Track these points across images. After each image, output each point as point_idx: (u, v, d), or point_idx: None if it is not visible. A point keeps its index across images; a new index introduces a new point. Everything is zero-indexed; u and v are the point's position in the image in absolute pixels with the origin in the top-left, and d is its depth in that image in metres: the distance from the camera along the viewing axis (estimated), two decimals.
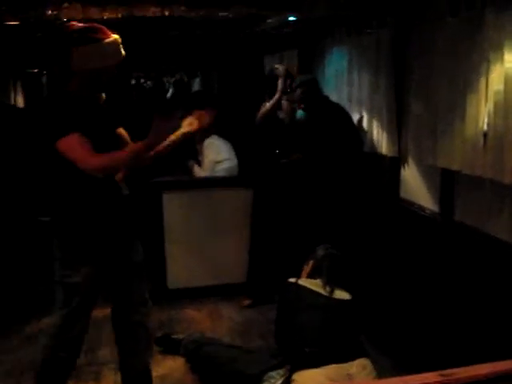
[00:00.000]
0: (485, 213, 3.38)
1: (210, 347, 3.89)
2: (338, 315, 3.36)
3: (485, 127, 3.16)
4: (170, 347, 4.31)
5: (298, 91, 4.98)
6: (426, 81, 3.77)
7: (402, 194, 4.38)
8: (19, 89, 11.11)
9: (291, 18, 4.38)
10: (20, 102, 10.68)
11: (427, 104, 3.76)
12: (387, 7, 4.07)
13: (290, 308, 3.39)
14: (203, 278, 5.40)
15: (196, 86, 12.14)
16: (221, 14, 3.68)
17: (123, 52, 3.02)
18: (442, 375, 1.78)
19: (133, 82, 11.85)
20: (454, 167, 3.48)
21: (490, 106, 3.08)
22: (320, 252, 3.56)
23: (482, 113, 3.16)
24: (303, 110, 5.10)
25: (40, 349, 3.27)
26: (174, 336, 4.37)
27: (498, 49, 2.98)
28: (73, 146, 2.85)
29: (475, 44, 3.15)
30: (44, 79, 11.51)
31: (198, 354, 3.96)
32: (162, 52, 7.02)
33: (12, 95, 10.91)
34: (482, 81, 3.13)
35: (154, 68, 10.79)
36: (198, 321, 4.91)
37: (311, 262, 3.56)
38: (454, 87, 3.38)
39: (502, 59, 2.97)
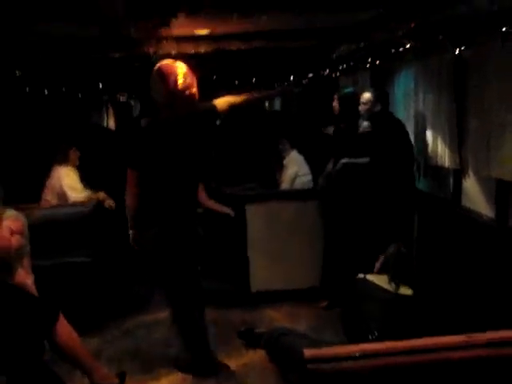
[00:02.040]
0: None
1: (287, 337, 4.33)
2: (400, 309, 3.77)
3: None
4: (252, 340, 4.80)
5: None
6: (481, 100, 4.16)
7: (464, 203, 4.74)
8: (111, 113, 12.02)
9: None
10: (112, 125, 11.55)
11: (483, 122, 4.15)
12: (449, 34, 4.48)
13: (357, 300, 3.82)
14: (282, 282, 5.87)
15: (277, 106, 12.74)
16: (296, 45, 4.19)
17: None
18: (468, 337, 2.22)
19: None
20: (506, 177, 3.85)
21: None
22: (389, 250, 3.96)
23: None
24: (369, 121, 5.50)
25: None
26: (256, 330, 4.87)
27: None
28: None
29: None
30: (134, 105, 12.38)
31: (276, 343, 4.42)
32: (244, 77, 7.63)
33: (105, 119, 11.84)
34: None
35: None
36: (278, 320, 5.37)
37: (381, 259, 3.96)
38: (505, 105, 3.77)
39: None
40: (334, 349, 2.24)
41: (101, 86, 8.45)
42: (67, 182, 5.74)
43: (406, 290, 3.84)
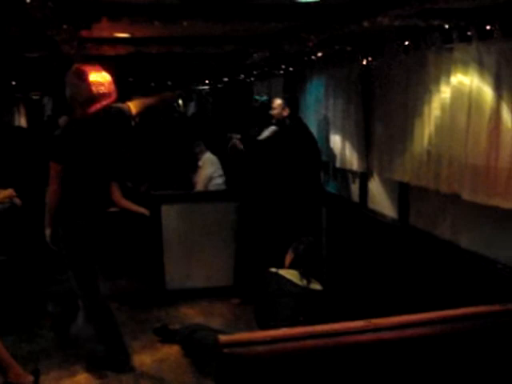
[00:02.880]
0: (432, 217, 4.06)
1: (201, 332, 4.50)
2: (311, 304, 3.98)
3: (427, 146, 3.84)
4: (167, 336, 4.93)
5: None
6: (384, 108, 4.48)
7: (369, 204, 5.05)
8: (23, 111, 11.81)
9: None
10: (23, 122, 11.35)
11: (386, 127, 4.46)
12: (356, 45, 4.77)
13: (270, 295, 4.01)
14: (197, 280, 6.03)
15: (191, 108, 12.90)
16: (214, 51, 4.36)
17: None
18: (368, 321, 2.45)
19: None
20: (405, 179, 4.17)
21: (432, 128, 3.77)
22: (300, 245, 4.17)
23: (425, 134, 3.84)
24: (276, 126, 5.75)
25: None
26: (171, 327, 5.00)
27: (436, 82, 3.68)
28: None
29: (420, 78, 3.85)
30: (46, 104, 12.21)
31: (190, 338, 4.58)
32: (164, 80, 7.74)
33: (16, 117, 11.62)
34: (426, 108, 3.82)
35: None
36: (192, 317, 5.52)
37: (292, 255, 4.15)
38: (405, 113, 4.08)
39: (439, 90, 3.67)
40: (247, 334, 2.43)
41: (14, 84, 8.35)
42: None
43: (316, 285, 4.06)
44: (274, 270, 4.11)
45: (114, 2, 2.90)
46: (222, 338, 2.29)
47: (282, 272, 4.08)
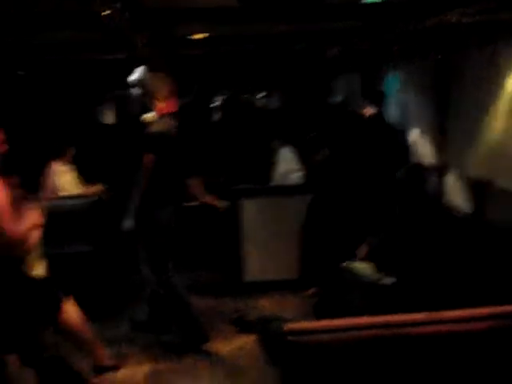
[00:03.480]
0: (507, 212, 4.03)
1: (275, 323, 4.62)
2: (384, 296, 4.03)
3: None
4: (244, 327, 5.10)
5: None
6: (458, 103, 4.46)
7: (445, 199, 5.03)
8: (112, 109, 12.27)
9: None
10: (111, 120, 11.81)
11: (460, 122, 4.46)
12: (430, 41, 4.77)
13: (343, 287, 4.08)
14: (274, 272, 6.15)
15: (272, 103, 13.00)
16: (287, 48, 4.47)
17: None
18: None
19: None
20: (479, 174, 4.15)
21: (504, 123, 3.73)
22: (375, 239, 4.22)
23: (498, 129, 3.82)
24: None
25: None
26: (248, 317, 5.17)
27: (508, 76, 3.65)
28: None
29: (491, 72, 3.83)
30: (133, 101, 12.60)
31: (265, 329, 4.72)
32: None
33: (105, 114, 12.09)
34: (498, 102, 3.80)
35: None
36: (268, 308, 5.64)
37: (366, 248, 4.21)
38: (478, 108, 4.07)
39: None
40: (311, 323, 2.54)
41: (103, 85, 8.73)
42: (61, 181, 5.92)
43: (389, 279, 4.09)
44: (348, 262, 4.19)
45: (188, 8, 3.06)
46: (287, 326, 2.41)
47: (357, 265, 4.14)
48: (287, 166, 6.40)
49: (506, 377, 2.46)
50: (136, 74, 4.50)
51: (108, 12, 2.46)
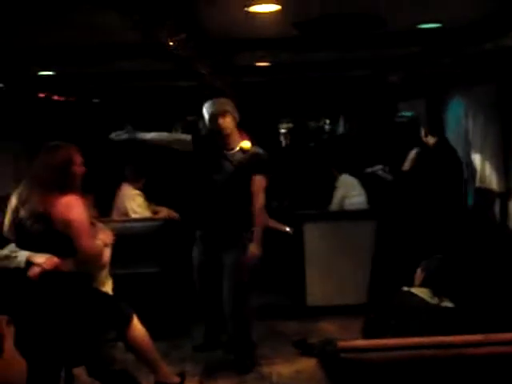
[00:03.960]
0: None
1: (333, 343, 4.63)
2: (442, 321, 4.00)
3: None
4: (306, 349, 5.13)
5: None
6: None
7: (510, 224, 4.98)
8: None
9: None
10: None
11: None
12: (493, 64, 4.78)
13: (401, 313, 4.07)
14: (336, 297, 6.17)
15: (340, 129, 13.10)
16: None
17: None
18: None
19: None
20: None
21: None
22: (431, 263, 4.21)
23: None
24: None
25: None
26: (309, 340, 5.20)
27: None
28: None
29: None
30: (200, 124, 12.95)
31: (324, 350, 4.74)
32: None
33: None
34: None
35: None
36: (330, 332, 5.67)
37: (423, 273, 4.19)
38: None
39: None
40: (363, 341, 2.59)
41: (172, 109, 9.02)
42: (132, 205, 6.08)
43: (447, 303, 4.06)
44: (406, 288, 4.18)
45: (249, 39, 3.20)
46: (340, 343, 2.47)
47: (414, 290, 4.14)
48: (345, 190, 6.44)
49: None
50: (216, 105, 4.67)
51: (174, 42, 2.61)
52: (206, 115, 4.67)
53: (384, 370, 2.43)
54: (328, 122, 13.71)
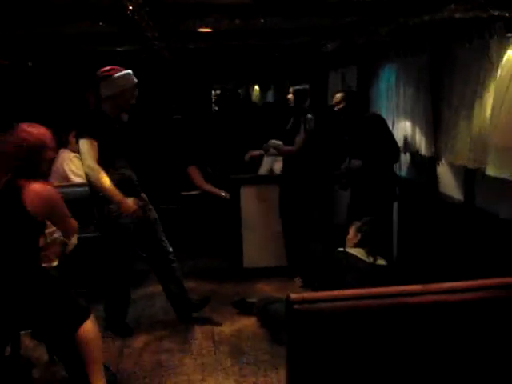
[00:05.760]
0: (495, 199, 4.27)
1: (275, 304, 4.83)
2: (378, 278, 4.25)
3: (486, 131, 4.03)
4: (245, 309, 5.32)
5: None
6: (450, 94, 4.69)
7: (438, 188, 5.26)
8: None
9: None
10: None
11: (450, 113, 4.68)
12: (426, 36, 4.99)
13: (338, 271, 4.29)
14: (272, 259, 6.38)
15: (270, 97, 13.25)
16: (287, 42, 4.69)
17: (133, 81, 4.58)
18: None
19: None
20: (466, 163, 4.39)
21: (490, 114, 3.95)
22: (364, 225, 4.43)
23: (485, 120, 4.04)
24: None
25: None
26: (248, 300, 5.39)
27: (498, 70, 3.87)
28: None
29: (482, 66, 4.06)
30: None
31: (265, 310, 4.94)
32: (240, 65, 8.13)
33: None
34: (486, 94, 4.02)
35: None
36: (267, 292, 5.86)
37: (358, 235, 4.42)
38: (467, 99, 4.29)
39: (500, 77, 3.85)
40: (314, 293, 2.76)
41: None
42: (71, 167, 6.06)
43: (381, 261, 4.31)
44: (341, 249, 4.40)
45: (200, 3, 3.26)
46: (292, 295, 2.63)
47: (349, 250, 4.35)
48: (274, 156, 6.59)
49: (494, 343, 2.68)
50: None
51: (131, 6, 2.64)
52: (126, 85, 4.67)
53: (332, 320, 2.60)
54: (258, 89, 13.85)
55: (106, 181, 4.46)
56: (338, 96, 5.67)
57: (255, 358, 4.53)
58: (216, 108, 11.82)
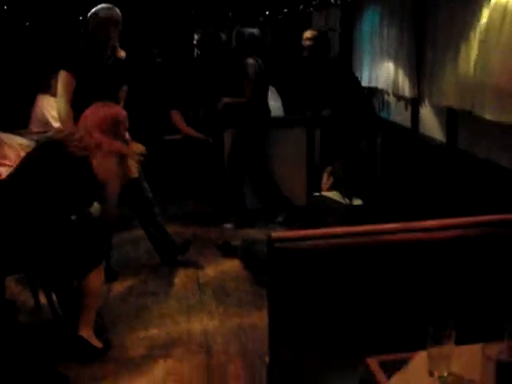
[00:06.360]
0: (477, 140, 4.28)
1: (258, 245, 4.85)
2: (356, 217, 4.26)
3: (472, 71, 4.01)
4: (229, 251, 5.37)
5: None
6: (434, 34, 4.65)
7: (421, 130, 5.26)
8: None
9: None
10: None
11: (435, 54, 4.65)
12: None
13: (317, 213, 4.28)
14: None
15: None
16: None
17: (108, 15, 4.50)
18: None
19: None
20: (451, 104, 4.38)
21: (476, 53, 3.92)
22: (336, 168, 4.43)
23: (471, 59, 4.01)
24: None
25: None
26: (233, 243, 5.43)
27: (483, 6, 3.81)
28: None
29: (467, 3, 4.01)
30: None
31: (249, 251, 4.99)
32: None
33: None
34: (472, 33, 3.98)
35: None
36: (252, 234, 5.89)
37: (330, 178, 4.42)
38: (452, 39, 4.26)
39: (486, 15, 3.79)
40: (295, 232, 2.79)
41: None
42: (51, 112, 5.92)
43: (358, 202, 4.32)
44: (317, 193, 4.41)
45: None
46: (274, 234, 2.66)
47: (325, 193, 4.36)
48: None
49: (471, 279, 2.74)
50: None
51: None
52: (101, 18, 4.55)
53: (312, 258, 2.64)
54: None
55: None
56: (309, 33, 5.72)
57: (239, 300, 4.60)
58: (198, 52, 11.62)
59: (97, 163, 3.46)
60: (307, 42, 5.83)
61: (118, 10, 4.60)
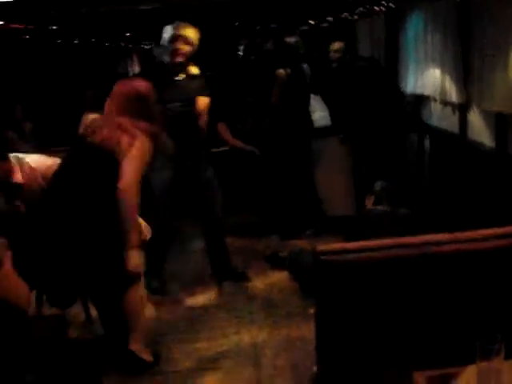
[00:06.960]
0: None
1: (305, 256, 4.83)
2: (400, 225, 4.18)
3: None
4: (277, 263, 5.37)
5: None
6: (483, 39, 4.55)
7: (469, 135, 5.16)
8: (136, 61, 12.48)
9: None
10: (136, 71, 12.08)
11: (484, 58, 4.55)
12: None
13: (366, 227, 4.23)
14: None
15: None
16: None
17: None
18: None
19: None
20: (501, 109, 4.28)
21: None
22: (377, 187, 4.41)
23: None
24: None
25: None
26: (281, 254, 5.42)
27: None
28: None
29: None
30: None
31: (296, 262, 4.97)
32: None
33: (131, 66, 12.32)
34: None
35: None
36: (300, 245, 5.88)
37: (371, 198, 4.40)
38: (501, 43, 4.16)
39: None
40: (340, 244, 2.77)
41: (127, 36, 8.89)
42: None
43: (403, 210, 4.26)
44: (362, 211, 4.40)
45: None
46: (319, 247, 2.64)
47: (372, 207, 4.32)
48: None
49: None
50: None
51: None
52: (169, 34, 4.68)
53: (359, 270, 2.61)
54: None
55: None
56: (336, 45, 5.75)
57: (288, 312, 4.59)
58: (243, 63, 11.69)
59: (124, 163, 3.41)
60: (336, 54, 5.85)
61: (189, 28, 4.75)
